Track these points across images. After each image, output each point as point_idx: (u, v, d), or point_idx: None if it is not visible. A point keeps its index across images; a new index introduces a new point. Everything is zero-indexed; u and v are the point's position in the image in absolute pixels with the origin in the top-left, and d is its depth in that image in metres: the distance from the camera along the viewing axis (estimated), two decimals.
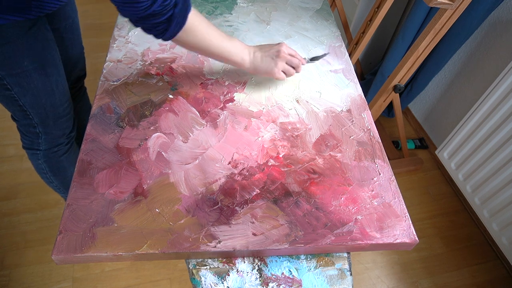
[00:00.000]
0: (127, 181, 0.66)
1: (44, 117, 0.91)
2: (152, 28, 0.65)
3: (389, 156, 1.72)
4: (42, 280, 1.24)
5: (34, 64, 0.80)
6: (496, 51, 1.38)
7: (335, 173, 0.71)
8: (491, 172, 1.30)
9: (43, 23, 0.80)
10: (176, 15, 0.63)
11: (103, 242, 0.58)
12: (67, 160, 1.06)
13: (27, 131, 0.95)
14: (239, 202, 0.65)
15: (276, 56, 0.78)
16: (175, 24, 0.64)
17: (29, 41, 0.77)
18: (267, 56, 0.78)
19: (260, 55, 0.78)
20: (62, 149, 1.03)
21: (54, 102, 0.89)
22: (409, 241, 0.63)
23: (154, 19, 0.62)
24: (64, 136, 1.00)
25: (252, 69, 0.79)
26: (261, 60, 0.78)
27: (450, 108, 1.65)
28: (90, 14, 2.38)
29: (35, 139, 0.97)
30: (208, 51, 0.73)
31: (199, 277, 0.60)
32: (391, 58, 1.62)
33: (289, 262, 0.63)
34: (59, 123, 0.95)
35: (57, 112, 0.92)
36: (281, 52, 0.78)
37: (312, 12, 1.11)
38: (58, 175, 1.08)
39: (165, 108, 0.79)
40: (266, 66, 0.78)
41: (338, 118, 0.81)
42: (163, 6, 0.60)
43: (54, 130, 0.96)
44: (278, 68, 0.79)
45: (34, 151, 1.00)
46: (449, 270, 1.41)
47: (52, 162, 1.04)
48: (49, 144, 0.99)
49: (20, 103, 0.85)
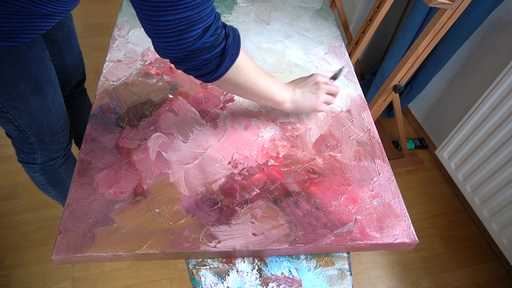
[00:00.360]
0: (127, 181, 0.66)
1: (41, 135, 0.89)
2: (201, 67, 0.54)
3: (389, 156, 1.72)
4: (42, 280, 1.24)
5: (31, 86, 0.78)
6: (496, 51, 1.38)
7: (335, 173, 0.71)
8: (491, 172, 1.30)
9: (39, 43, 0.77)
10: (230, 47, 0.54)
11: (103, 242, 0.58)
12: (65, 171, 1.05)
13: (23, 146, 0.93)
14: (239, 202, 0.65)
15: (317, 89, 0.73)
16: (229, 58, 0.55)
17: (25, 65, 0.74)
18: (307, 92, 0.73)
19: (301, 92, 0.72)
20: (59, 162, 1.01)
21: (50, 120, 0.87)
22: (409, 241, 0.63)
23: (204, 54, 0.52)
24: (61, 150, 0.99)
25: (293, 107, 0.73)
26: (302, 97, 0.72)
27: (450, 108, 1.65)
28: (90, 14, 2.38)
29: (31, 154, 0.95)
30: (253, 91, 0.65)
31: (199, 277, 0.60)
32: (391, 58, 1.62)
33: (289, 262, 0.63)
34: (55, 139, 0.94)
35: (53, 130, 0.90)
36: (320, 84, 0.73)
37: (312, 12, 1.11)
38: (56, 186, 1.07)
39: (165, 108, 0.79)
40: (309, 102, 0.73)
41: (338, 118, 0.81)
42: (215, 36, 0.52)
43: (50, 146, 0.94)
44: (321, 101, 0.74)
45: (31, 165, 0.98)
46: (449, 270, 1.41)
47: (49, 175, 1.02)
48: (45, 158, 0.97)
49: (16, 124, 0.83)
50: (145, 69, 0.86)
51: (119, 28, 0.96)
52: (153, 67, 0.87)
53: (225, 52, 0.54)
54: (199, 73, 0.56)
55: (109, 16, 2.40)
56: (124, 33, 0.95)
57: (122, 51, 0.90)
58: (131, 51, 0.90)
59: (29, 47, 0.73)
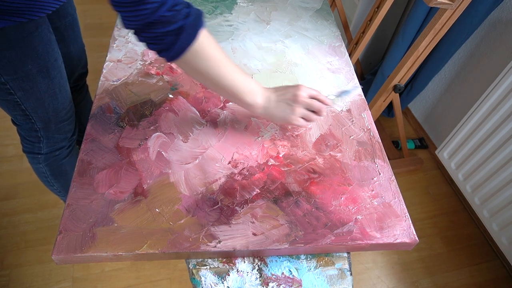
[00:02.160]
0: (127, 181, 0.66)
1: (47, 121, 0.90)
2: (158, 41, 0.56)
3: (389, 156, 1.72)
4: (42, 280, 1.24)
5: (38, 67, 0.79)
6: (496, 51, 1.38)
7: (335, 173, 0.71)
8: (491, 172, 1.30)
9: (46, 24, 0.78)
10: (187, 27, 0.55)
11: (103, 242, 0.58)
12: (68, 163, 1.05)
13: (29, 135, 0.94)
14: (239, 202, 0.65)
15: (293, 101, 0.67)
16: (184, 37, 0.55)
17: (33, 44, 0.75)
18: (282, 101, 0.68)
19: (275, 100, 0.68)
20: (63, 153, 1.02)
21: (56, 105, 0.88)
22: (409, 241, 0.63)
23: (162, 27, 0.54)
24: (66, 140, 0.99)
25: (265, 114, 0.70)
26: (276, 106, 0.68)
27: (450, 108, 1.65)
28: (90, 14, 2.38)
29: (36, 143, 0.96)
30: (217, 81, 0.63)
31: (199, 277, 0.60)
32: (391, 58, 1.62)
33: (289, 262, 0.63)
34: (61, 126, 0.94)
35: (59, 116, 0.91)
36: (299, 97, 0.67)
37: (312, 12, 1.11)
38: (59, 178, 1.07)
39: (165, 107, 0.79)
40: (282, 113, 0.68)
41: (338, 118, 0.81)
42: (173, 12, 0.53)
43: (56, 134, 0.95)
44: (295, 115, 0.69)
45: (35, 155, 0.99)
46: (449, 270, 1.41)
47: (53, 166, 1.03)
48: (50, 148, 0.98)
49: (23, 107, 0.84)
50: (145, 69, 0.86)
51: (119, 28, 0.96)
52: (153, 67, 0.87)
53: (181, 31, 0.54)
54: (156, 48, 0.57)
55: (109, 16, 2.39)
56: (124, 33, 0.95)
57: (122, 51, 0.90)
58: (131, 51, 0.90)
59: (36, 26, 0.74)
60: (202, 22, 0.58)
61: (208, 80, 0.63)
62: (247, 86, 0.65)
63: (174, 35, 0.55)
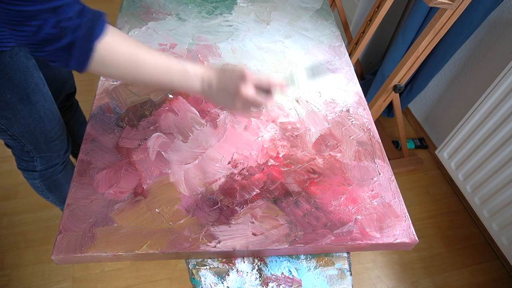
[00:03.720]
0: (127, 181, 0.66)
1: (36, 143, 0.89)
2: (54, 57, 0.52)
3: (389, 156, 1.72)
4: (42, 280, 1.24)
5: (18, 95, 0.77)
6: (496, 51, 1.38)
7: (335, 173, 0.71)
8: (491, 172, 1.29)
9: (22, 52, 0.75)
10: (78, 41, 0.51)
11: (103, 242, 0.58)
12: (64, 177, 1.05)
13: (22, 155, 0.94)
14: (239, 202, 0.65)
15: (234, 95, 0.61)
16: (78, 51, 0.52)
17: (8, 74, 0.73)
18: (223, 90, 0.62)
19: (216, 88, 0.62)
20: (58, 169, 1.01)
21: (44, 128, 0.87)
22: (409, 241, 0.63)
23: (51, 45, 0.50)
24: (59, 157, 0.99)
25: (206, 98, 0.69)
26: (216, 94, 0.63)
27: (450, 108, 1.65)
28: None
29: (30, 162, 0.95)
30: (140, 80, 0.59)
31: (199, 277, 0.60)
32: (391, 58, 1.62)
33: (289, 262, 0.63)
34: (52, 146, 0.93)
35: (48, 136, 0.90)
36: (240, 93, 0.60)
37: (312, 12, 1.11)
38: (54, 192, 1.08)
39: (165, 108, 0.79)
40: (222, 101, 0.64)
41: (338, 118, 0.81)
42: (58, 29, 0.49)
43: (48, 153, 0.94)
44: (237, 109, 0.64)
45: (30, 172, 0.99)
46: (449, 270, 1.41)
47: (48, 181, 1.03)
48: (44, 165, 0.98)
49: (9, 133, 0.83)
50: None
51: (119, 28, 0.96)
52: None
53: (72, 46, 0.51)
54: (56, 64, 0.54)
55: (109, 16, 2.38)
56: (124, 33, 0.95)
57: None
58: None
59: (10, 56, 0.72)
60: (98, 30, 0.53)
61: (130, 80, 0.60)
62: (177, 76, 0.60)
63: (66, 51, 0.52)
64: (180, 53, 0.91)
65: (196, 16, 1.03)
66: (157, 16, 1.00)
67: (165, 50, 0.91)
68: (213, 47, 0.94)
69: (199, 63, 0.82)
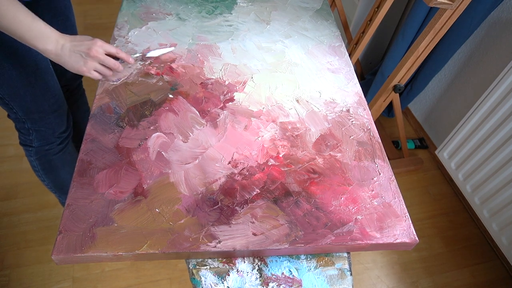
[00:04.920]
0: (127, 181, 0.66)
1: (27, 111, 0.90)
2: None
3: (389, 156, 1.72)
4: (42, 280, 1.24)
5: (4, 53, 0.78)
6: (496, 51, 1.38)
7: (335, 173, 0.71)
8: (491, 172, 1.30)
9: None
10: None
11: (103, 242, 0.58)
12: (60, 160, 1.05)
13: (20, 127, 0.95)
14: (239, 202, 0.65)
15: (86, 54, 0.71)
16: None
17: None
18: (75, 52, 0.71)
19: (69, 49, 0.70)
20: (54, 149, 1.02)
21: (35, 95, 0.88)
22: (409, 241, 0.63)
23: None
24: (54, 135, 0.99)
25: (58, 61, 0.72)
26: (69, 55, 0.71)
27: (450, 108, 1.65)
28: (90, 14, 2.38)
29: (27, 136, 0.97)
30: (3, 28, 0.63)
31: (199, 277, 0.60)
32: (391, 58, 1.62)
33: (289, 262, 0.63)
34: (47, 119, 0.94)
35: (41, 107, 0.91)
36: (92, 51, 0.71)
37: (312, 12, 1.11)
38: (49, 174, 1.08)
39: (165, 107, 0.79)
40: (74, 64, 0.72)
41: (338, 118, 0.81)
42: None
43: (42, 127, 0.95)
44: (87, 68, 0.73)
45: (27, 147, 1.00)
46: (449, 270, 1.41)
47: (43, 160, 1.03)
48: (40, 142, 0.99)
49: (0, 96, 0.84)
50: (145, 69, 0.86)
51: (119, 28, 0.96)
52: (153, 67, 0.87)
53: None
54: None
55: (109, 16, 2.39)
56: (124, 33, 0.95)
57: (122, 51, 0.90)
58: (131, 51, 0.90)
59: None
60: None
61: None
62: (34, 31, 0.65)
63: None
64: (180, 53, 0.91)
65: (196, 16, 1.03)
66: (157, 16, 1.00)
67: None
68: (213, 47, 0.94)
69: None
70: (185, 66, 0.88)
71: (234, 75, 0.88)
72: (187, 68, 0.88)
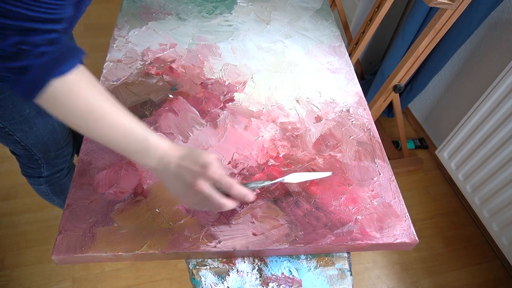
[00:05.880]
0: (127, 181, 0.66)
1: (46, 151, 0.90)
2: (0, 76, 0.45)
3: (389, 156, 1.72)
4: (42, 280, 1.24)
5: (36, 109, 0.78)
6: (496, 51, 1.38)
7: (335, 173, 0.71)
8: (491, 172, 1.29)
9: None
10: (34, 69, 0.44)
11: (103, 242, 0.58)
12: (69, 180, 1.05)
13: (29, 163, 0.94)
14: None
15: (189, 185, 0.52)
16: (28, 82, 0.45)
17: None
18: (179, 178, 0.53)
19: (173, 172, 0.53)
20: (63, 173, 1.02)
21: (56, 137, 0.88)
22: (409, 241, 0.63)
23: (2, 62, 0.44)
24: (66, 162, 0.99)
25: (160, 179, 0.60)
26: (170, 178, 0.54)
27: (450, 108, 1.65)
28: (90, 14, 2.38)
29: (37, 169, 0.96)
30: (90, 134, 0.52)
31: (199, 277, 0.60)
32: (391, 58, 1.62)
33: (289, 262, 0.63)
34: (60, 152, 0.94)
35: (58, 144, 0.91)
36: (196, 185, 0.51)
37: (312, 12, 1.11)
38: (60, 195, 1.08)
39: (165, 108, 0.79)
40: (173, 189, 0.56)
41: (338, 118, 0.81)
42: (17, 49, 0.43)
43: (56, 159, 0.95)
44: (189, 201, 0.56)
45: (36, 178, 0.99)
46: (449, 270, 1.41)
47: (54, 186, 1.03)
48: (51, 171, 0.98)
49: (22, 144, 0.84)
50: (145, 69, 0.86)
51: (119, 28, 0.96)
52: (153, 67, 0.87)
53: (26, 72, 0.45)
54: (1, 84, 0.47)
55: (109, 16, 2.39)
56: (124, 33, 0.95)
57: (122, 51, 0.90)
58: (131, 51, 0.90)
59: None
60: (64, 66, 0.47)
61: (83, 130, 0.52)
62: (135, 144, 0.52)
63: (17, 74, 0.45)
64: (180, 53, 0.91)
65: (196, 16, 1.03)
66: (157, 16, 1.00)
67: (164, 50, 0.91)
68: (213, 46, 0.94)
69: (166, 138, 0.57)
70: (185, 66, 0.88)
71: (234, 75, 0.88)
72: (187, 68, 0.88)
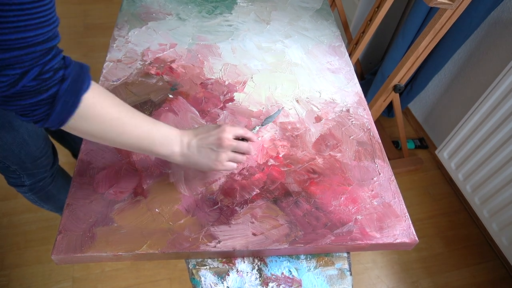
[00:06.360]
0: (127, 181, 0.66)
1: (21, 163, 0.89)
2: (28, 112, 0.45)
3: (389, 156, 1.72)
4: (42, 280, 1.24)
5: None
6: (496, 51, 1.38)
7: (335, 173, 0.71)
8: (491, 172, 1.29)
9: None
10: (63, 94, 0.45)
11: (103, 242, 0.58)
12: (55, 188, 1.04)
13: (8, 173, 0.93)
14: (239, 202, 0.65)
15: (218, 146, 0.59)
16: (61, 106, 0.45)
17: None
18: (205, 147, 0.59)
19: (197, 146, 0.59)
20: (47, 181, 1.01)
21: (28, 149, 0.86)
22: (409, 241, 0.63)
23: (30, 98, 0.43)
24: (46, 172, 0.98)
25: (186, 162, 0.61)
26: (198, 152, 0.60)
27: (450, 108, 1.65)
28: (90, 14, 2.38)
29: (18, 178, 0.95)
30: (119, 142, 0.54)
31: (199, 277, 0.60)
32: (391, 58, 1.62)
33: (289, 262, 0.63)
34: (38, 163, 0.93)
35: (33, 156, 0.90)
36: (224, 141, 0.59)
37: (312, 11, 1.11)
38: (48, 202, 1.07)
39: (165, 108, 0.79)
40: (206, 160, 0.60)
41: (338, 118, 0.81)
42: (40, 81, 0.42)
43: (34, 170, 0.94)
44: (221, 161, 0.61)
45: (20, 187, 0.98)
46: (449, 270, 1.41)
47: (40, 193, 1.02)
48: (32, 180, 0.97)
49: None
50: (145, 69, 0.86)
51: (119, 28, 0.96)
52: (153, 67, 0.87)
53: (55, 99, 0.45)
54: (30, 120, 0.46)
55: (109, 16, 2.39)
56: (124, 33, 0.95)
57: (122, 51, 0.90)
58: (131, 51, 0.90)
59: None
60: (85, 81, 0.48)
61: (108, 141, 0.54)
62: (157, 137, 0.56)
63: (47, 105, 0.45)
64: (180, 53, 0.91)
65: (196, 16, 1.03)
66: (157, 16, 1.01)
67: (165, 50, 0.91)
68: (213, 47, 0.94)
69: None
70: (185, 66, 0.88)
71: (234, 75, 0.88)
72: (187, 68, 0.88)
